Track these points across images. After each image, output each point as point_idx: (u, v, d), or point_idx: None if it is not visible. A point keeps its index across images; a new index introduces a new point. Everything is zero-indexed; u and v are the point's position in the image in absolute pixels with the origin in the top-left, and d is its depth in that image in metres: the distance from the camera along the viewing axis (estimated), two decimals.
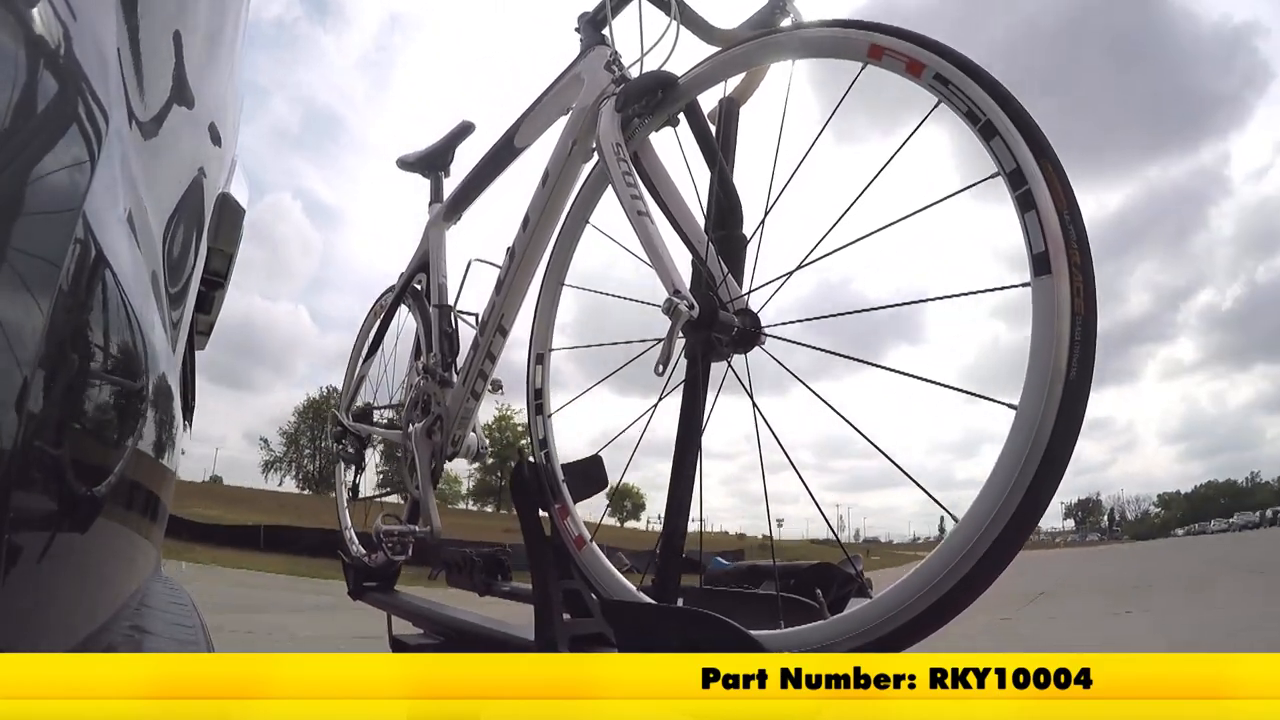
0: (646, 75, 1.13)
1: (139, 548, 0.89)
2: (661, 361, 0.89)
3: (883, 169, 0.94)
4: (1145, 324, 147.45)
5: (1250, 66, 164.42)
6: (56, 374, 0.43)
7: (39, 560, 0.46)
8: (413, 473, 1.56)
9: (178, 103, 0.80)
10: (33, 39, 0.39)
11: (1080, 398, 0.68)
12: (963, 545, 0.69)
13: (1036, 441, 0.67)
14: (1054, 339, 0.68)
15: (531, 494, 1.16)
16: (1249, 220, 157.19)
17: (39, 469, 0.43)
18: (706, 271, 1.02)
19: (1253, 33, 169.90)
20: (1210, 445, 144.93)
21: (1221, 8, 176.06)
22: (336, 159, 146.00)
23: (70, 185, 0.43)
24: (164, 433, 0.84)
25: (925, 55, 0.81)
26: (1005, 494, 0.68)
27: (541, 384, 1.33)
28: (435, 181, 1.89)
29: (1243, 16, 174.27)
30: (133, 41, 0.60)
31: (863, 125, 44.08)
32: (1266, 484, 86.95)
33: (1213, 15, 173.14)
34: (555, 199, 1.26)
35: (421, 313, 1.77)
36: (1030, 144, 0.73)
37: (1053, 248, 0.70)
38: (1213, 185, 24.24)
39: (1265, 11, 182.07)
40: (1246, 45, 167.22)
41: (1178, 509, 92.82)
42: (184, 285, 0.99)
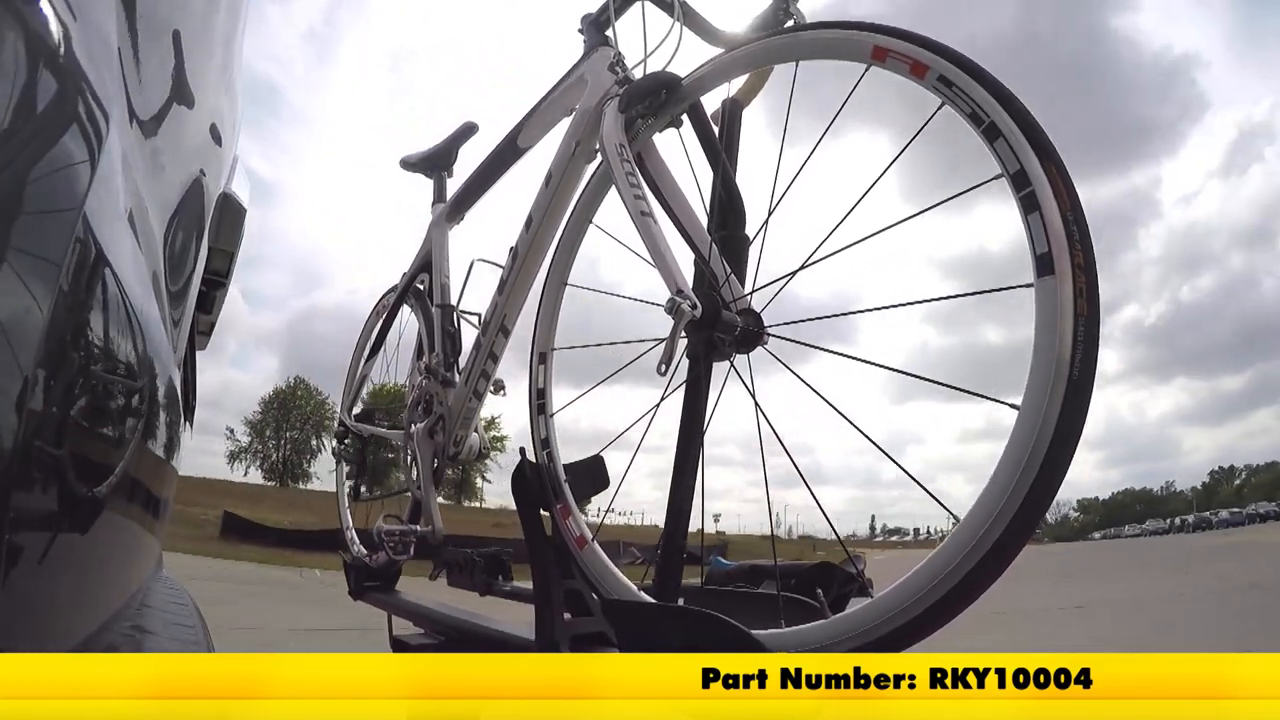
0: (650, 76, 1.13)
1: (140, 547, 0.89)
2: (664, 361, 0.89)
3: (885, 170, 0.94)
4: None
5: (1188, 97, 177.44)
6: (57, 373, 0.43)
7: (40, 560, 0.46)
8: (414, 473, 1.56)
9: (178, 102, 0.80)
10: (33, 38, 0.39)
11: (1083, 398, 0.67)
12: (964, 545, 0.69)
13: (1039, 442, 0.67)
14: (1057, 339, 0.68)
15: (533, 493, 1.16)
16: (1176, 243, 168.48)
17: (40, 468, 0.43)
18: (709, 271, 1.02)
19: (1193, 65, 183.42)
20: (1128, 453, 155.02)
21: (1164, 39, 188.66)
22: (274, 131, 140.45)
23: (71, 185, 0.43)
24: (165, 432, 0.84)
25: (929, 57, 0.81)
26: (1007, 494, 0.68)
27: (544, 384, 1.33)
28: (438, 181, 1.89)
29: (1184, 49, 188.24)
30: (133, 41, 0.60)
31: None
32: (1180, 493, 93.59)
33: (1155, 45, 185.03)
34: (558, 199, 1.26)
35: (424, 312, 1.76)
36: (1034, 146, 0.73)
37: (1056, 249, 0.70)
38: (1143, 208, 24.65)
39: (1206, 45, 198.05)
40: (1186, 76, 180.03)
41: (1095, 514, 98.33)
42: (185, 284, 0.99)
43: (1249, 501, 68.93)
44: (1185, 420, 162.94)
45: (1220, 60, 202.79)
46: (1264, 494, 72.65)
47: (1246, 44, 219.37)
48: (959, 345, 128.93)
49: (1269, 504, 58.95)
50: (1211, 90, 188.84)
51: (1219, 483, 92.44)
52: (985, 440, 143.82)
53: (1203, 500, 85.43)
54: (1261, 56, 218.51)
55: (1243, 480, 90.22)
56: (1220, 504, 75.45)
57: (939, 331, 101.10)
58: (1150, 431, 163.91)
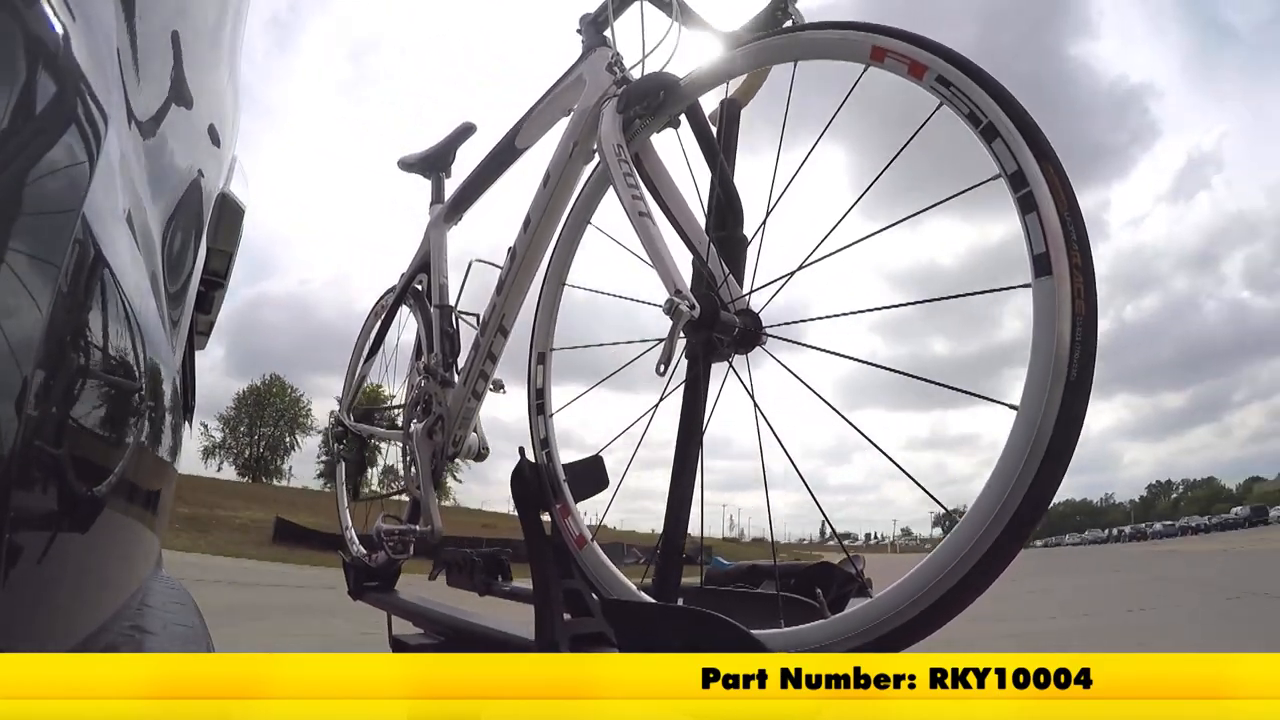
0: (648, 77, 1.13)
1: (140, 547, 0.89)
2: (663, 361, 0.89)
3: (884, 170, 0.94)
4: (1016, 348, 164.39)
5: (1140, 125, 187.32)
6: (56, 373, 0.43)
7: (40, 559, 0.46)
8: (413, 473, 1.56)
9: (177, 103, 0.80)
10: (32, 39, 0.39)
11: (1081, 399, 0.68)
12: (963, 545, 0.69)
13: (1037, 442, 0.67)
14: (1055, 340, 0.68)
15: (532, 493, 1.16)
16: (1123, 264, 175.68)
17: (39, 468, 0.43)
18: (707, 272, 1.02)
19: (1147, 93, 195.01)
20: (1071, 466, 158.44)
21: (1121, 68, 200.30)
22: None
23: (70, 185, 0.43)
24: (164, 432, 0.84)
25: (927, 57, 0.81)
26: (1005, 494, 0.68)
27: (543, 384, 1.33)
28: (436, 182, 1.89)
29: (1140, 78, 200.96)
30: (132, 42, 0.60)
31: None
32: (1119, 505, 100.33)
33: (1111, 73, 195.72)
34: (556, 200, 1.26)
35: (423, 313, 1.77)
36: (1032, 146, 0.73)
37: (1054, 249, 0.70)
38: (1091, 228, 25.47)
39: (1161, 76, 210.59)
40: (1139, 104, 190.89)
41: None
42: (183, 285, 0.99)
43: (1183, 515, 76.83)
44: (1126, 435, 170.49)
45: (1174, 90, 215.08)
46: (1198, 508, 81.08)
47: (1199, 76, 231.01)
48: (905, 355, 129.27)
49: (1200, 518, 66.12)
50: (1164, 118, 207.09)
51: (1156, 496, 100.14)
52: (931, 449, 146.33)
53: (1140, 513, 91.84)
54: (1213, 89, 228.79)
55: (1179, 494, 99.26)
56: (1156, 516, 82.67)
57: (886, 341, 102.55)
58: (1092, 445, 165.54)
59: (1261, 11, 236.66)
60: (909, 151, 0.89)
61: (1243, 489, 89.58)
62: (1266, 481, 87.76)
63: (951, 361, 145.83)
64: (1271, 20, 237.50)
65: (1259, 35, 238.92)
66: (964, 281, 20.67)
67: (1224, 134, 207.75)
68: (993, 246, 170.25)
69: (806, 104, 1.00)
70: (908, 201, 0.94)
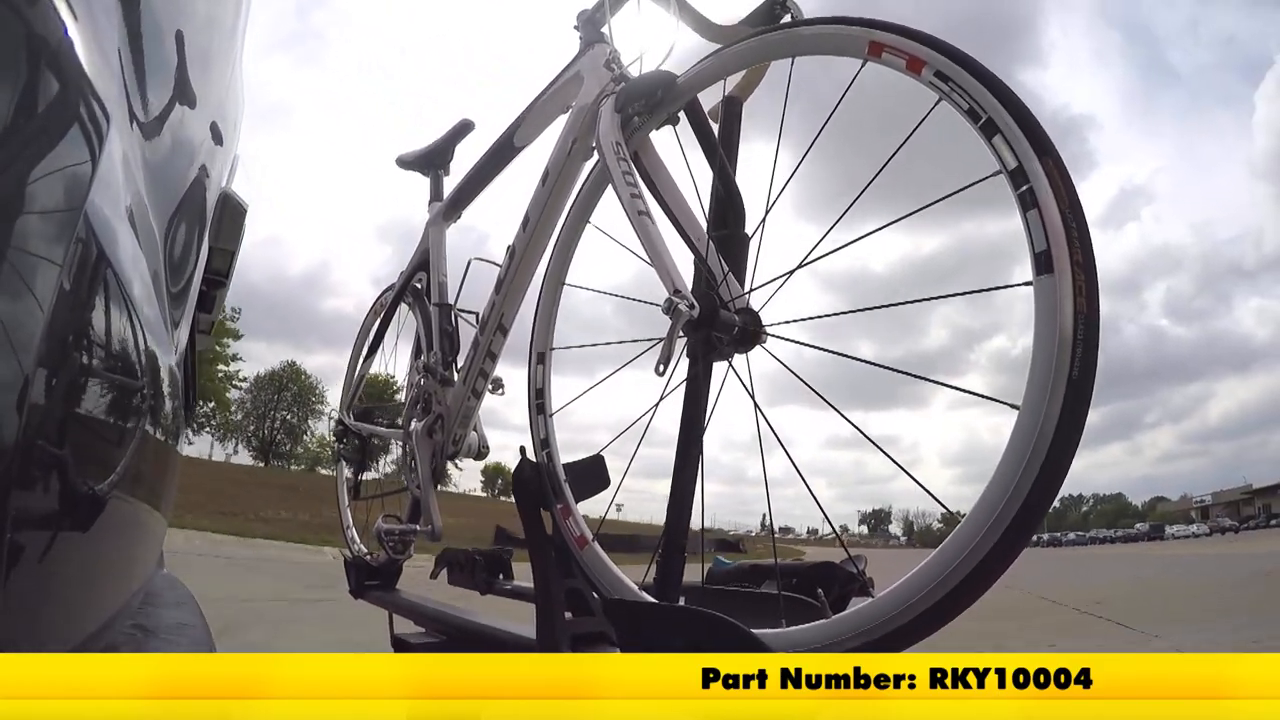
0: (646, 74, 1.13)
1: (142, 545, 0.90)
2: (662, 361, 0.89)
3: (883, 167, 0.93)
4: (940, 357, 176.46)
5: (1078, 154, 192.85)
6: (58, 372, 0.43)
7: (42, 559, 0.46)
8: (413, 472, 1.56)
9: (179, 101, 0.80)
10: (34, 39, 0.39)
11: (1083, 397, 0.67)
12: (965, 545, 0.69)
13: (1039, 441, 0.67)
14: (1057, 338, 0.68)
15: (533, 493, 1.16)
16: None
17: (41, 467, 0.43)
18: (707, 270, 1.02)
19: (1086, 125, 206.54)
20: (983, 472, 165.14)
21: (1064, 98, 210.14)
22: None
23: (72, 185, 0.43)
24: (166, 431, 0.84)
25: (926, 52, 0.81)
26: (1008, 494, 0.67)
27: (543, 383, 1.33)
28: (435, 180, 1.88)
29: (1081, 109, 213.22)
30: (134, 41, 0.60)
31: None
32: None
33: (1056, 102, 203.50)
34: (555, 198, 1.26)
35: (422, 311, 1.76)
36: (1032, 142, 0.72)
37: (1055, 246, 0.69)
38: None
39: (1102, 109, 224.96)
40: (1078, 135, 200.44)
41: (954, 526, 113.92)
42: (185, 284, 0.99)
43: (1093, 527, 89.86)
44: None
45: (1112, 123, 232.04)
46: (1105, 522, 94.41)
47: (1139, 112, 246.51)
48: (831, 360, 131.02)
49: (1107, 530, 78.74)
50: (1100, 150, 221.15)
51: (1068, 509, 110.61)
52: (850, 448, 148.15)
53: (1053, 522, 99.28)
54: (1150, 126, 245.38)
55: (1089, 508, 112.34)
56: (1068, 527, 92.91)
57: (816, 342, 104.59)
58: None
59: (1204, 56, 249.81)
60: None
61: (1147, 506, 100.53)
62: (1169, 502, 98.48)
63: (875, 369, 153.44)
64: (1213, 65, 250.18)
65: (1199, 78, 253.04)
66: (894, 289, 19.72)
67: (1157, 169, 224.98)
68: (923, 258, 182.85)
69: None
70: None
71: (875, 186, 0.91)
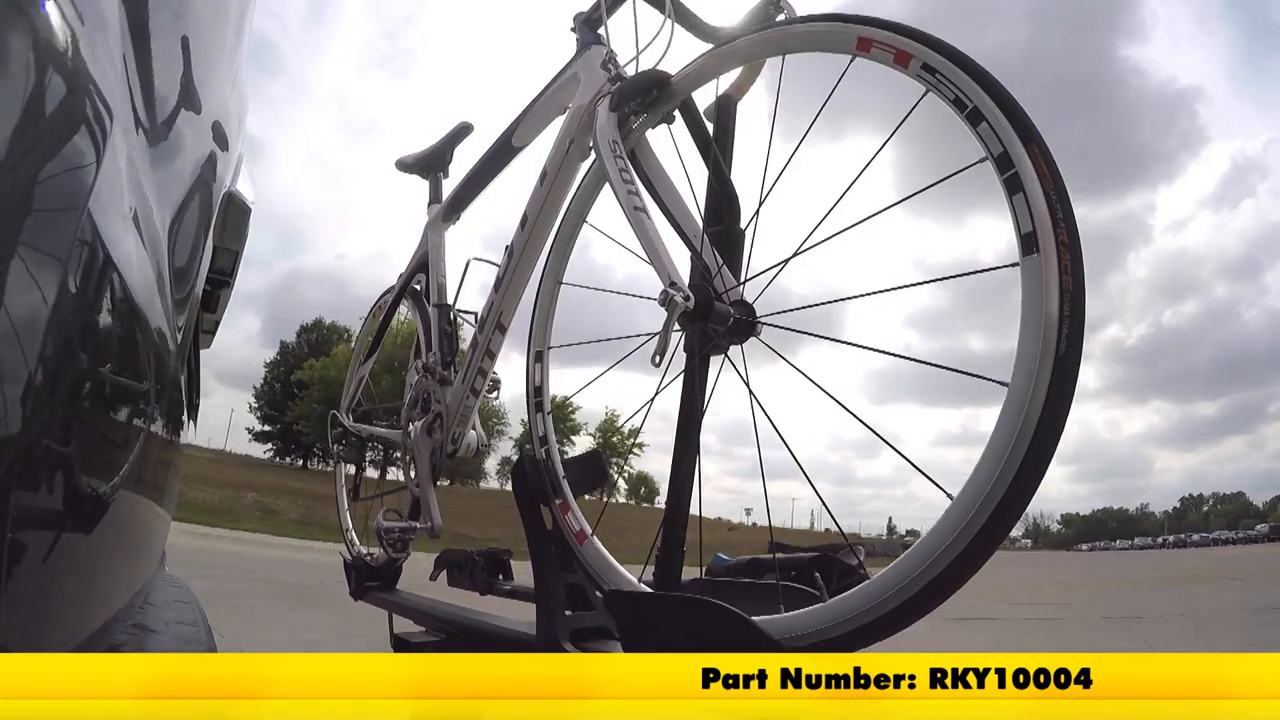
0: (641, 74, 1.14)
1: (143, 546, 0.90)
2: (658, 353, 0.89)
3: (873, 158, 0.95)
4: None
5: (1189, 129, 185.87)
6: (62, 373, 0.43)
7: (44, 559, 0.46)
8: (413, 471, 1.56)
9: (183, 102, 0.80)
10: (39, 42, 0.40)
11: (1070, 374, 0.68)
12: (956, 524, 0.69)
13: (1027, 419, 0.67)
14: (1043, 316, 0.68)
15: (533, 489, 1.17)
16: (1165, 267, 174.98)
17: (44, 467, 0.43)
18: (702, 263, 1.02)
19: (1196, 98, 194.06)
20: (1100, 469, 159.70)
21: (1169, 70, 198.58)
22: (263, 88, 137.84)
23: (76, 185, 0.43)
24: (168, 431, 0.85)
25: (912, 46, 0.82)
26: (997, 473, 0.67)
27: (541, 381, 1.34)
28: (434, 182, 1.89)
29: (1189, 81, 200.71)
30: (138, 44, 0.60)
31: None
32: (1152, 514, 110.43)
33: (1161, 75, 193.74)
34: (553, 197, 1.27)
35: (421, 312, 1.77)
36: (1016, 128, 0.73)
37: (1040, 227, 0.70)
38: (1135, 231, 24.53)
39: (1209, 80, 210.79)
40: (1189, 109, 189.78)
41: (1075, 527, 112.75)
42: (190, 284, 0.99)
43: (1213, 528, 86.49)
44: (1157, 442, 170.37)
45: (1221, 96, 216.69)
46: (1225, 522, 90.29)
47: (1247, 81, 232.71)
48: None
49: (1228, 531, 76.08)
50: (1211, 124, 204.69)
51: (1188, 509, 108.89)
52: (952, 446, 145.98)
53: (1173, 523, 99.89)
54: (1261, 95, 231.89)
55: (1209, 508, 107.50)
56: (1188, 528, 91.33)
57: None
58: (1123, 449, 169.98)
59: None
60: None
61: (1268, 506, 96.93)
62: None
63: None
64: None
65: None
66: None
67: (1270, 140, 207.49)
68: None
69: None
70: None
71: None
